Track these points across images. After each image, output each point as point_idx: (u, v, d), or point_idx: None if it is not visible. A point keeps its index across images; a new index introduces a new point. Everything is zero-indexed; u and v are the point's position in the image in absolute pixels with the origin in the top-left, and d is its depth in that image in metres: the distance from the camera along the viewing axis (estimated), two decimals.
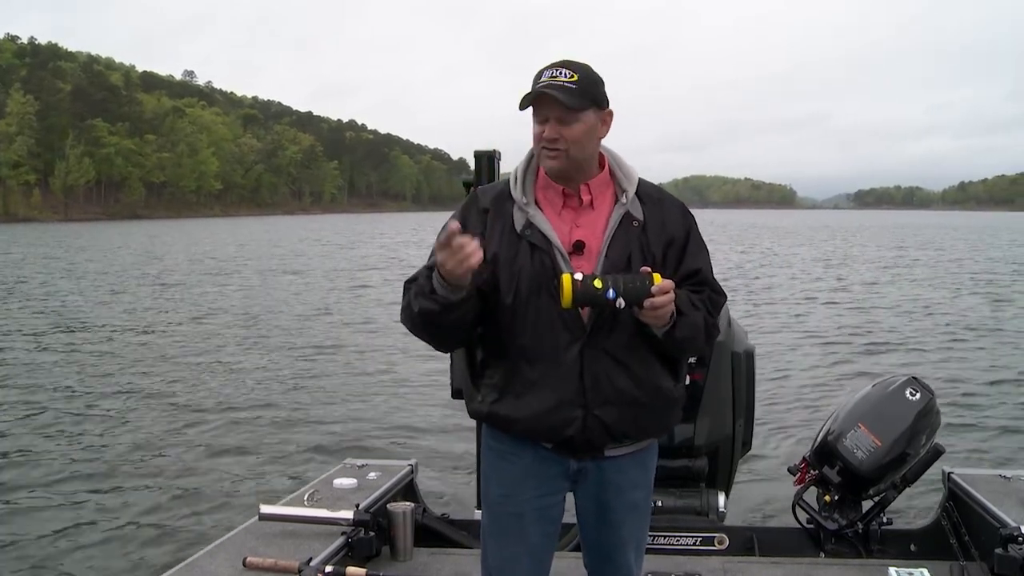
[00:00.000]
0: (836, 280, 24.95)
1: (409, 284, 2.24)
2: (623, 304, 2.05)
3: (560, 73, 2.14)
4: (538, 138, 2.20)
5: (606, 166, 2.28)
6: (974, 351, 12.47)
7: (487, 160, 3.91)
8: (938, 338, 13.74)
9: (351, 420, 8.61)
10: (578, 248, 2.20)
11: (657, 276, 2.07)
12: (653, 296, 2.05)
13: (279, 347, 13.10)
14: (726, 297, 2.35)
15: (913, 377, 3.72)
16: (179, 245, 45.59)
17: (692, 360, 3.70)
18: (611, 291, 2.03)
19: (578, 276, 2.04)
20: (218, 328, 15.16)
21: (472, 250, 2.01)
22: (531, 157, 2.31)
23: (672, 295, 2.08)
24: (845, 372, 10.77)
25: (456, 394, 3.81)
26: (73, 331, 15.00)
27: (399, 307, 2.25)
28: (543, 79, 2.15)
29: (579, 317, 2.16)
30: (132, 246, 44.30)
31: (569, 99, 2.13)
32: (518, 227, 2.21)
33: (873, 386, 3.79)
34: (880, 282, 24.39)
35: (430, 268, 2.12)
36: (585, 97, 2.15)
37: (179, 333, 14.58)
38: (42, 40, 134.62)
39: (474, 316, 2.18)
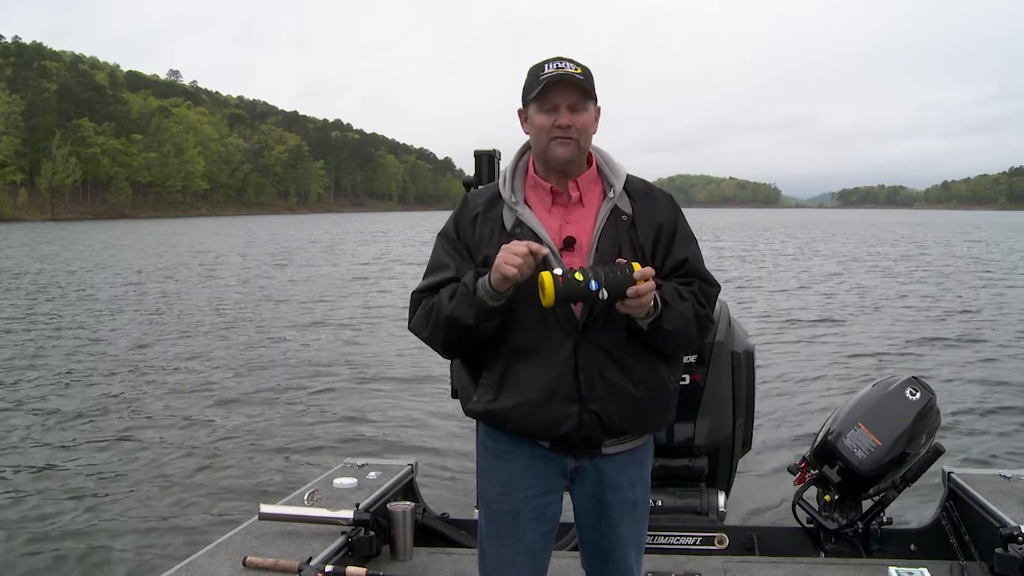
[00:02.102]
0: (834, 277, 25.02)
1: (418, 295, 2.24)
2: (606, 295, 2.02)
3: (566, 65, 2.17)
4: (547, 128, 2.19)
5: (594, 163, 2.30)
6: (975, 351, 12.49)
7: (487, 160, 3.88)
8: (938, 337, 13.75)
9: (351, 420, 8.58)
10: (569, 244, 2.20)
11: (636, 264, 2.06)
12: (636, 283, 2.03)
13: (278, 346, 13.04)
14: (719, 287, 2.33)
15: (913, 377, 3.73)
16: (178, 243, 45.36)
17: (692, 360, 3.72)
18: (593, 282, 2.01)
19: (558, 271, 2.02)
20: (216, 328, 15.07)
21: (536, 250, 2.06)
22: (520, 156, 2.32)
23: (653, 283, 2.07)
24: (846, 372, 10.78)
25: (456, 394, 3.79)
26: (67, 329, 14.89)
27: (398, 306, 2.24)
28: (548, 70, 2.16)
29: (571, 313, 2.16)
30: (125, 246, 44.03)
31: (586, 84, 2.16)
32: (508, 226, 2.21)
33: (873, 386, 3.80)
34: (877, 278, 24.52)
35: (478, 274, 2.14)
36: (591, 88, 2.20)
37: (177, 333, 14.49)
38: (32, 40, 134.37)
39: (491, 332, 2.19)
